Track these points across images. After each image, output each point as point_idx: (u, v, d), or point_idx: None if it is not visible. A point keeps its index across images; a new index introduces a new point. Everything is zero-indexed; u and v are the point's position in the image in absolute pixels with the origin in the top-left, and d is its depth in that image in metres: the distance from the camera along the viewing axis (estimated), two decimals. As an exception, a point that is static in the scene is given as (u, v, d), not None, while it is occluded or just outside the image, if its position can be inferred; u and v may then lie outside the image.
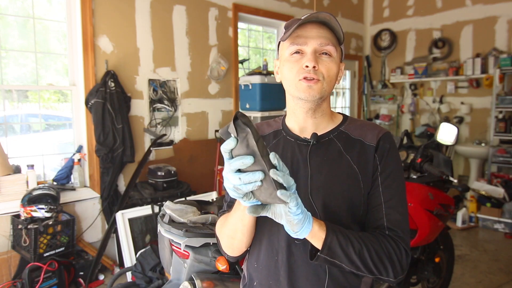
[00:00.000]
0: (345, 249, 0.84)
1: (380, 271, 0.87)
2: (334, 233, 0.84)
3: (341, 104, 6.11)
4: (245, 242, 0.98)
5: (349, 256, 0.84)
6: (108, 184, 3.15)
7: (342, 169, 0.94)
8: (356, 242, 0.85)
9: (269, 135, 1.07)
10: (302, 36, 0.93)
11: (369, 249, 0.86)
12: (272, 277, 0.98)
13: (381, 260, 0.86)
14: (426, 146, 2.34)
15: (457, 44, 5.13)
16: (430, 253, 2.39)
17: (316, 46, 0.92)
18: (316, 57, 0.92)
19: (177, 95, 3.70)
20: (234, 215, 0.92)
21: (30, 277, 2.51)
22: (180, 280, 1.75)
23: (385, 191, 0.94)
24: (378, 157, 0.95)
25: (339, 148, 0.97)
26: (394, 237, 0.91)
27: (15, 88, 3.08)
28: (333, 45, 0.93)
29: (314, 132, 0.98)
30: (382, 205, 0.93)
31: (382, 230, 0.92)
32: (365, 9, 6.03)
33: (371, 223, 0.95)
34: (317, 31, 0.93)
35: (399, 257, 0.89)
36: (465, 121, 5.16)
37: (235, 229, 0.94)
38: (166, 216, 1.82)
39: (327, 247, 0.83)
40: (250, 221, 0.92)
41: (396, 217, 0.93)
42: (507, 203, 4.05)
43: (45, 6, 3.13)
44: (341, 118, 1.04)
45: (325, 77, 0.93)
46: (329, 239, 0.83)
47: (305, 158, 0.96)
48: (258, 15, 4.33)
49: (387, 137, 0.98)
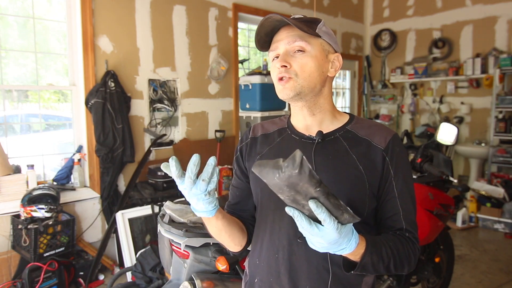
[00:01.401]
0: (376, 266, 0.85)
1: (397, 271, 0.91)
2: (370, 254, 0.83)
3: (341, 104, 6.11)
4: (234, 239, 1.03)
5: (377, 271, 0.87)
6: (108, 184, 3.15)
7: (347, 168, 0.94)
8: (386, 257, 0.87)
9: (273, 133, 1.07)
10: (275, 41, 0.97)
11: (395, 259, 0.88)
12: (272, 274, 0.98)
13: (402, 264, 0.90)
14: (426, 146, 2.34)
15: (457, 44, 5.13)
16: (430, 253, 2.39)
17: (287, 47, 0.94)
18: (289, 56, 0.94)
19: (177, 95, 3.70)
20: (207, 226, 0.99)
21: (30, 277, 2.51)
22: (180, 280, 1.75)
23: (401, 195, 0.96)
24: (390, 161, 0.95)
25: (345, 146, 0.96)
26: (412, 238, 0.95)
27: (15, 88, 3.08)
28: (303, 40, 0.93)
29: (319, 130, 0.98)
30: (400, 209, 0.96)
31: (403, 232, 0.95)
32: (365, 9, 6.03)
33: (390, 226, 0.97)
34: (286, 33, 0.95)
35: (415, 258, 0.93)
36: (465, 121, 5.16)
37: (216, 234, 1.00)
38: (166, 216, 1.82)
39: (361, 266, 0.83)
40: (218, 224, 0.96)
41: (412, 219, 0.97)
42: (507, 203, 4.05)
43: (45, 6, 3.13)
44: (347, 117, 1.04)
45: (298, 74, 0.93)
46: (365, 260, 0.83)
47: (309, 157, 0.96)
48: (258, 15, 4.33)
49: (396, 139, 0.98)
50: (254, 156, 1.04)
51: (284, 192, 0.69)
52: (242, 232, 1.05)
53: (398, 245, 0.91)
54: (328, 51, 0.98)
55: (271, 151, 1.03)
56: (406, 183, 0.97)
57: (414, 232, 0.96)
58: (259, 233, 1.02)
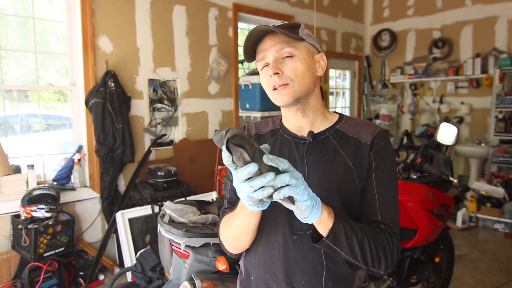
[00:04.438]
0: (349, 238, 0.86)
1: (374, 263, 0.90)
2: (342, 221, 0.86)
3: (341, 104, 6.11)
4: (249, 241, 1.02)
5: (351, 245, 0.87)
6: (108, 184, 3.15)
7: (338, 166, 0.97)
8: (359, 233, 0.88)
9: (266, 133, 1.10)
10: (261, 50, 0.98)
11: (369, 241, 0.89)
12: (268, 272, 1.00)
13: (377, 253, 0.90)
14: (426, 146, 2.34)
15: (457, 44, 5.13)
16: (430, 253, 2.39)
17: (275, 54, 0.96)
18: (279, 63, 0.96)
19: (177, 95, 3.70)
20: (238, 219, 0.94)
21: (30, 277, 2.51)
22: (180, 280, 1.75)
23: (379, 188, 0.97)
24: (373, 155, 0.98)
25: (335, 145, 1.00)
26: (389, 231, 0.94)
27: (15, 88, 3.08)
28: (291, 45, 0.96)
29: (310, 130, 1.01)
30: (376, 201, 0.96)
31: (378, 224, 0.95)
32: (365, 9, 6.03)
33: (365, 218, 0.97)
34: (271, 41, 0.97)
35: (391, 252, 0.92)
36: (465, 121, 5.16)
37: (241, 231, 0.97)
38: (166, 216, 1.82)
39: (333, 234, 0.85)
40: (256, 222, 0.94)
41: (389, 213, 0.96)
42: (507, 203, 4.05)
43: (45, 6, 3.13)
44: (337, 116, 1.07)
45: (293, 78, 0.96)
46: (336, 226, 0.85)
47: (302, 156, 0.99)
48: (258, 15, 4.33)
49: (381, 135, 1.00)
50: None
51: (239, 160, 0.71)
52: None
53: (371, 231, 0.91)
54: (313, 52, 1.01)
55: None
56: (386, 178, 0.98)
57: (392, 226, 0.95)
58: None
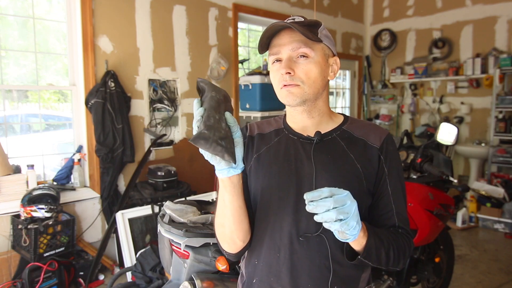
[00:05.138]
0: (378, 250, 0.90)
1: (394, 265, 0.95)
2: (373, 237, 0.89)
3: (341, 104, 6.11)
4: (236, 231, 0.97)
5: (379, 257, 0.91)
6: (108, 184, 3.15)
7: (347, 168, 0.97)
8: (385, 243, 0.92)
9: (270, 133, 1.07)
10: (276, 45, 0.95)
11: (393, 248, 0.93)
12: (273, 274, 0.98)
13: (399, 257, 0.94)
14: (426, 146, 2.34)
15: (457, 44, 5.13)
16: (430, 253, 2.39)
17: (290, 52, 0.94)
18: (292, 62, 0.93)
19: (177, 95, 3.70)
20: (219, 200, 0.96)
21: (30, 277, 2.51)
22: (180, 280, 1.75)
23: (394, 193, 1.00)
24: (384, 160, 0.99)
25: (343, 146, 0.99)
26: (405, 234, 0.98)
27: (15, 88, 3.08)
28: (308, 46, 0.93)
29: (318, 131, 0.99)
30: (393, 207, 0.99)
31: (396, 229, 0.99)
32: (365, 9, 6.03)
33: (383, 224, 1.00)
34: (289, 37, 0.94)
35: (409, 252, 0.97)
36: (465, 121, 5.16)
37: (222, 214, 0.96)
38: (166, 216, 1.82)
39: (367, 251, 0.88)
40: (231, 199, 0.92)
41: (404, 216, 1.01)
42: (507, 203, 4.05)
43: (45, 6, 3.13)
44: (342, 118, 1.07)
45: (304, 81, 0.94)
46: (369, 245, 0.88)
47: (309, 156, 0.97)
48: (258, 15, 4.33)
49: (390, 139, 1.02)
50: (251, 155, 1.04)
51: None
52: (249, 226, 1.00)
53: (394, 236, 0.96)
54: (328, 55, 0.99)
55: (269, 150, 1.03)
56: (399, 182, 1.01)
57: (407, 228, 1.01)
58: (257, 233, 1.01)
